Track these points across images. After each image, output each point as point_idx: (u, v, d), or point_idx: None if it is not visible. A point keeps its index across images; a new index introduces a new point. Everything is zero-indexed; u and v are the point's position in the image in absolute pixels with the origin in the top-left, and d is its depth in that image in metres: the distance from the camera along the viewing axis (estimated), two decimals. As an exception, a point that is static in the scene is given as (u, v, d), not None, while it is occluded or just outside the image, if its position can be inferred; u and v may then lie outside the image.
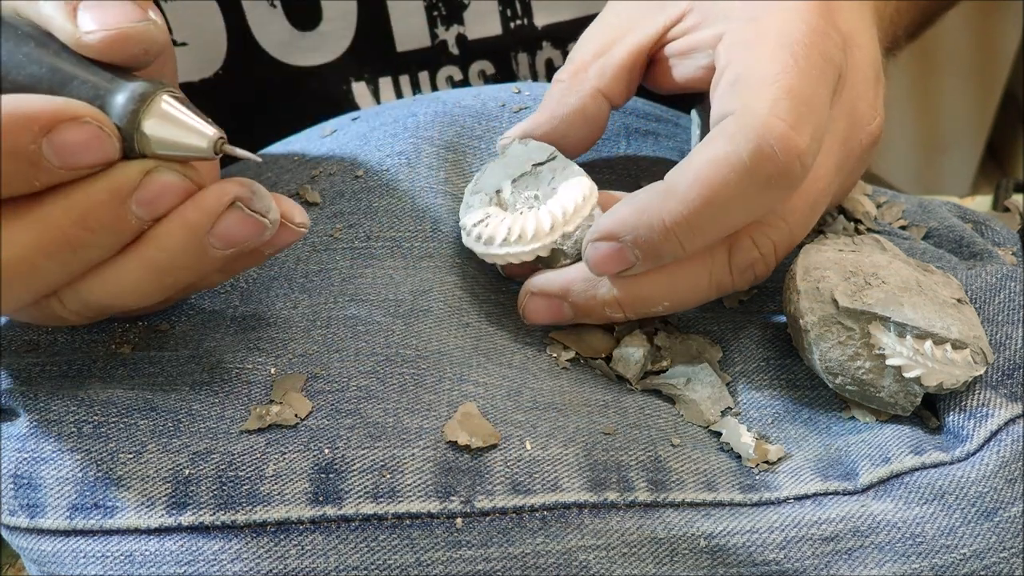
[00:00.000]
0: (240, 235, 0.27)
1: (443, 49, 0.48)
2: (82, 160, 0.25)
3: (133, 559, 0.28)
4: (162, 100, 0.26)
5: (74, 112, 0.25)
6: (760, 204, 0.30)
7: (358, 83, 0.48)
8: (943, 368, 0.30)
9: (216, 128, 0.27)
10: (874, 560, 0.28)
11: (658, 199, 0.30)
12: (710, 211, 0.29)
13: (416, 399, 0.30)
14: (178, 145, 0.27)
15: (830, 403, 0.33)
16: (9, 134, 0.24)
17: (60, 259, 0.26)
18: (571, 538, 0.28)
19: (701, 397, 0.32)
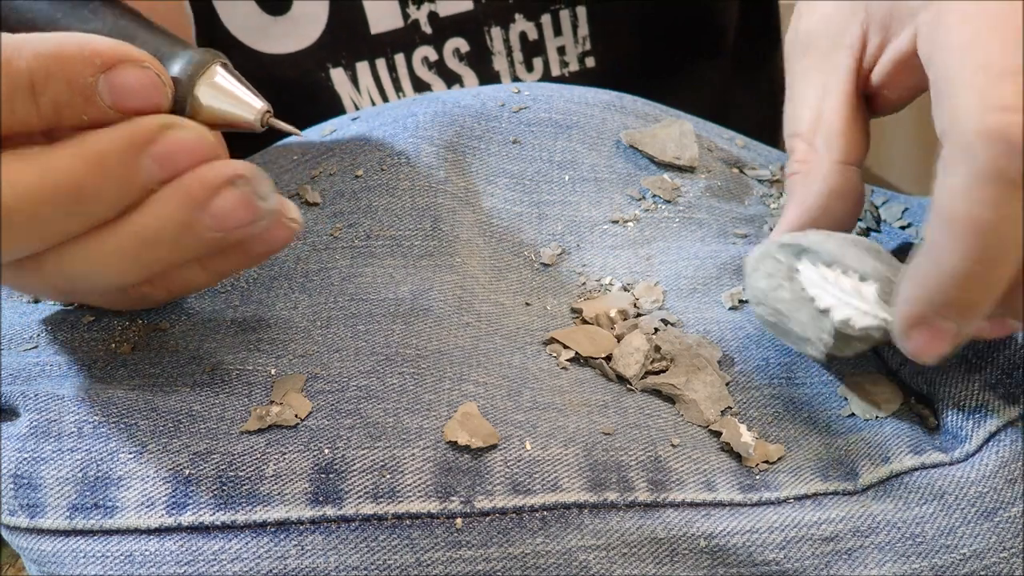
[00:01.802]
0: (234, 216, 0.26)
1: (416, 28, 0.47)
2: (132, 102, 0.25)
3: (133, 559, 0.28)
4: (217, 70, 0.28)
5: (136, 56, 0.25)
6: None
7: (335, 69, 0.47)
8: (851, 301, 0.30)
9: (264, 102, 0.28)
10: (874, 560, 0.28)
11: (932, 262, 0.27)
12: (988, 241, 0.25)
13: (416, 399, 0.30)
14: (227, 114, 0.28)
15: (830, 403, 0.33)
16: (71, 62, 0.25)
17: (63, 208, 0.25)
18: (571, 538, 0.28)
19: (701, 397, 0.32)
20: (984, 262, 0.26)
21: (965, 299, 0.27)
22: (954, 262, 0.26)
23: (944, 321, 0.27)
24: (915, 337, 0.28)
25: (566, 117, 0.40)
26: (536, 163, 0.39)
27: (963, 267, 0.26)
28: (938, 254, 0.26)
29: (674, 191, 0.39)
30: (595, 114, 0.41)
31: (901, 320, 0.28)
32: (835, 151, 0.33)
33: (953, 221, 0.26)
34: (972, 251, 0.26)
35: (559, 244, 0.38)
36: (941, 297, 0.27)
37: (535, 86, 0.42)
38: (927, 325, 0.28)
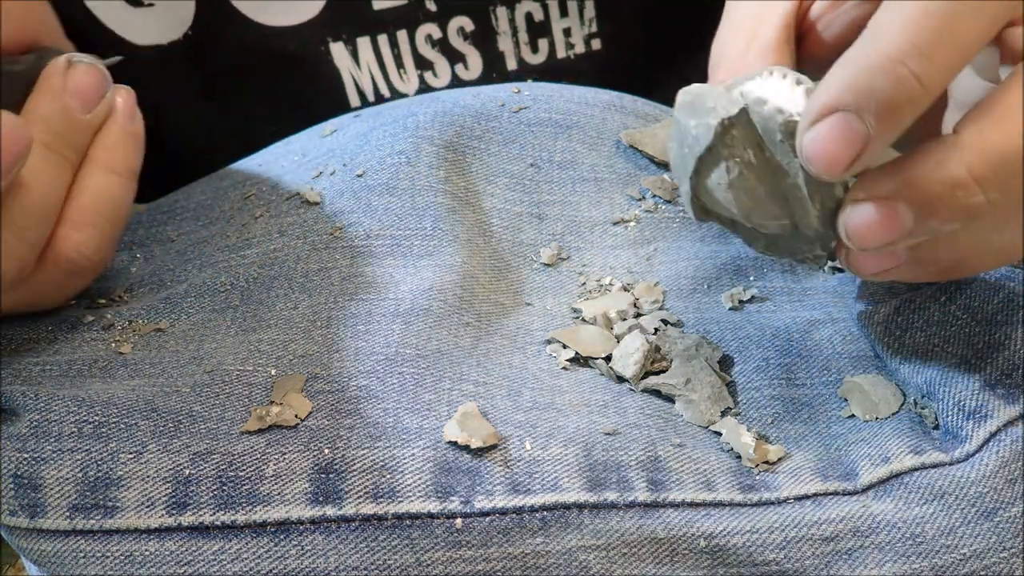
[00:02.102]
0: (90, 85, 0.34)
1: (420, 6, 0.47)
2: None
3: (133, 559, 0.28)
4: None
5: None
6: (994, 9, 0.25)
7: (335, 44, 0.47)
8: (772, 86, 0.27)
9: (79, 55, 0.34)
10: (874, 560, 0.28)
11: (871, 40, 0.25)
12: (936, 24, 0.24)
13: (416, 399, 0.30)
14: None
15: (830, 403, 0.33)
16: None
17: None
18: (571, 538, 0.28)
19: (701, 397, 0.32)
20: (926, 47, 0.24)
21: (892, 88, 0.24)
22: (894, 40, 0.24)
23: (856, 118, 0.25)
24: (819, 129, 0.25)
25: (566, 117, 0.40)
26: (536, 163, 0.39)
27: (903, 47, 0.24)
28: (878, 32, 0.25)
29: (674, 191, 0.39)
30: (595, 114, 0.41)
31: (811, 107, 0.25)
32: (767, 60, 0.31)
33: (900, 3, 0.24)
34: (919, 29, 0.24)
35: (559, 244, 0.38)
36: (867, 79, 0.24)
37: (535, 86, 0.42)
38: (839, 115, 0.25)
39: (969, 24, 0.24)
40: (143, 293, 0.37)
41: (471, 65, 0.49)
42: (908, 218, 0.26)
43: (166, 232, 0.40)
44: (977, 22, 0.25)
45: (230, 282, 0.36)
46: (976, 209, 0.25)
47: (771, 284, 0.37)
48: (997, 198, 0.25)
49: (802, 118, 0.25)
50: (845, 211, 0.27)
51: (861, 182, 0.27)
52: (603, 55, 0.50)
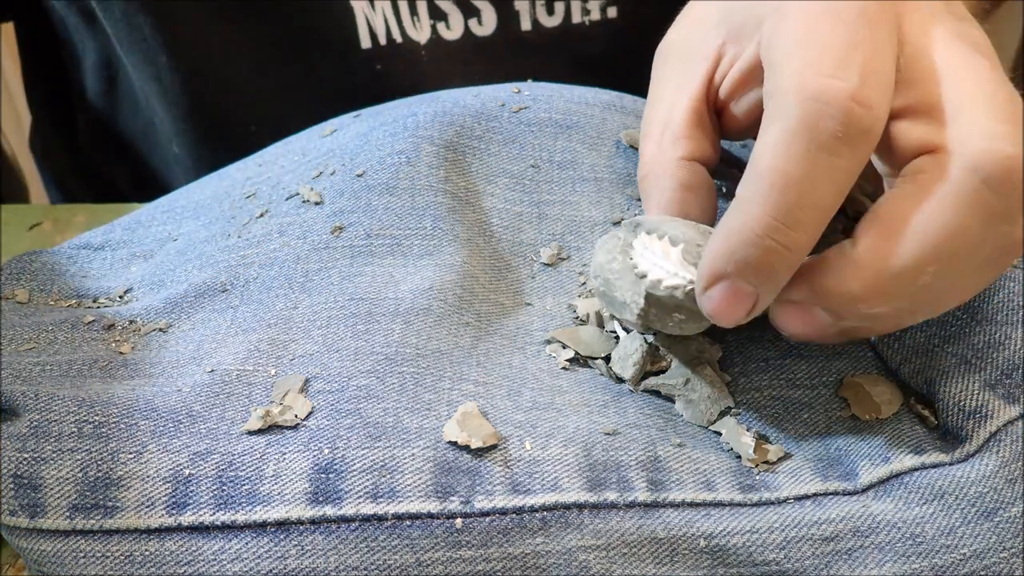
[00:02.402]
0: None
1: None
2: None
3: (133, 559, 0.28)
4: None
5: None
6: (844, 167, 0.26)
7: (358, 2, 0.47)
8: (663, 265, 0.30)
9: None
10: (874, 560, 0.28)
11: (737, 216, 0.27)
12: (792, 197, 0.26)
13: (416, 399, 0.30)
14: None
15: (830, 403, 0.33)
16: None
17: None
18: (571, 538, 0.28)
19: (701, 397, 0.32)
20: (787, 218, 0.26)
21: (764, 258, 0.27)
22: (757, 216, 0.26)
23: (742, 281, 0.27)
24: (713, 294, 0.28)
25: (566, 117, 0.40)
26: (536, 163, 0.39)
27: (765, 222, 0.26)
28: (743, 208, 0.27)
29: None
30: (595, 114, 0.41)
31: (701, 276, 0.28)
32: (679, 149, 0.34)
33: (761, 175, 0.26)
34: (777, 205, 0.26)
35: (559, 244, 0.38)
36: (742, 252, 0.27)
37: (535, 86, 0.42)
38: (726, 283, 0.27)
39: (824, 187, 0.26)
40: (143, 293, 0.37)
41: (485, 21, 0.49)
42: (826, 317, 0.28)
43: (166, 232, 0.40)
44: (832, 182, 0.26)
45: (230, 282, 0.36)
46: (880, 316, 0.28)
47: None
48: (898, 306, 0.28)
49: (696, 283, 0.28)
50: (774, 308, 0.29)
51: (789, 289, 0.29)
52: (618, 23, 0.50)
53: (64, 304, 0.37)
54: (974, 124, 0.26)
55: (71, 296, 0.37)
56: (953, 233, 0.26)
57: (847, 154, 0.26)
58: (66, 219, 0.52)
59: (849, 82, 0.26)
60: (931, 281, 0.27)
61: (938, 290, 0.27)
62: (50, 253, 0.40)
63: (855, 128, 0.26)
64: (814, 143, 0.26)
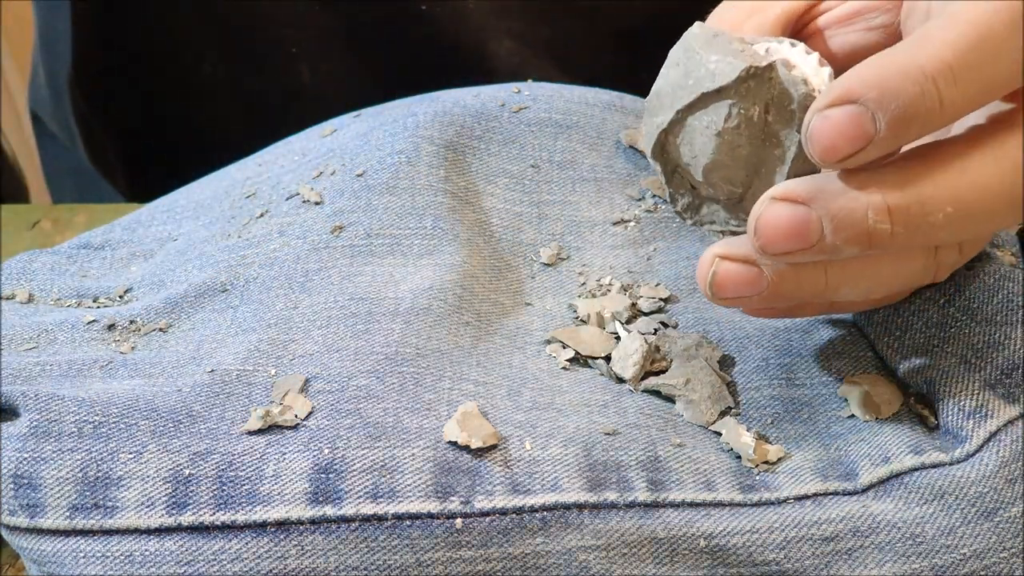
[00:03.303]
0: None
1: None
2: None
3: (133, 559, 0.28)
4: None
5: None
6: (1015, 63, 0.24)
7: None
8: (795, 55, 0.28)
9: None
10: (874, 560, 0.28)
11: (909, 48, 0.24)
12: (978, 56, 0.24)
13: (416, 398, 0.30)
14: None
15: (830, 403, 0.33)
16: None
17: None
18: (571, 538, 0.28)
19: (701, 397, 0.32)
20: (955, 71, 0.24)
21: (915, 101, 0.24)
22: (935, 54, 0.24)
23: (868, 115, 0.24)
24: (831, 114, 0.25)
25: (566, 117, 0.40)
26: (536, 163, 0.39)
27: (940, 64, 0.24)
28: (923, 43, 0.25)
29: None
30: (595, 114, 0.41)
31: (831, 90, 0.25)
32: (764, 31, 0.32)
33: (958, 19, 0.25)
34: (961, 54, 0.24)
35: (559, 244, 0.38)
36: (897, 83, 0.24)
37: (535, 86, 0.42)
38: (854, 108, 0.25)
39: (1005, 64, 0.25)
40: (143, 293, 0.37)
41: None
42: (817, 229, 0.26)
43: (166, 232, 0.40)
44: (1013, 64, 0.25)
45: (230, 282, 0.36)
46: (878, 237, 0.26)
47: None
48: (901, 234, 0.26)
49: (819, 97, 0.25)
50: (761, 206, 0.27)
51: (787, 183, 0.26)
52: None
53: (64, 304, 0.37)
54: None
55: (71, 296, 0.37)
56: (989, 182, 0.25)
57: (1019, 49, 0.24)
58: (66, 219, 0.52)
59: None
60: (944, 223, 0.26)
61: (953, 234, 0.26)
62: (50, 253, 0.40)
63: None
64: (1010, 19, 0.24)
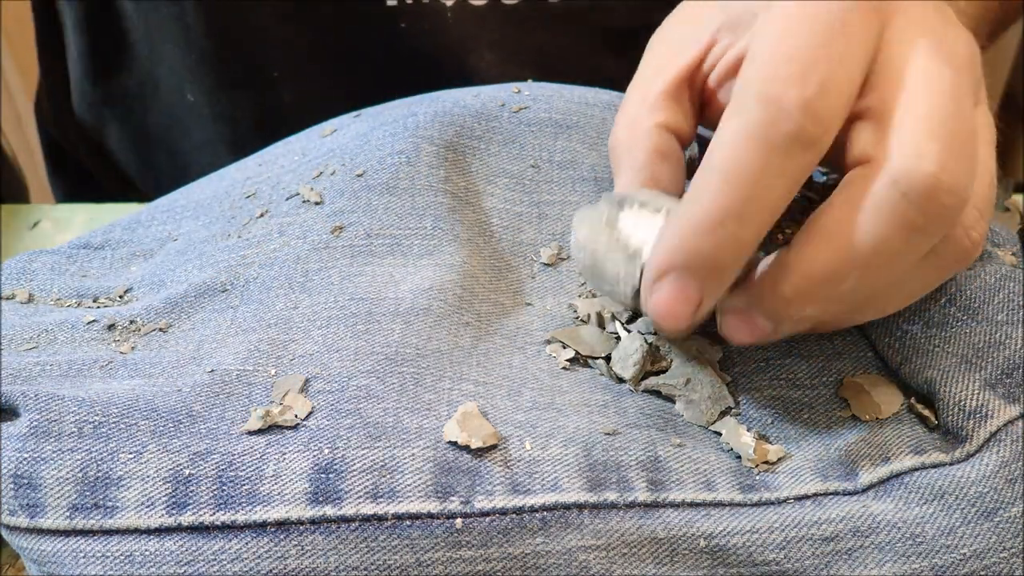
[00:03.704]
0: None
1: None
2: None
3: (133, 559, 0.28)
4: None
5: None
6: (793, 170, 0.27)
7: None
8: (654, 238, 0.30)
9: None
10: (874, 560, 0.28)
11: (689, 207, 0.28)
12: (744, 192, 0.27)
13: (416, 398, 0.30)
14: None
15: (830, 403, 0.33)
16: None
17: None
18: (571, 538, 0.28)
19: (701, 397, 0.32)
20: (737, 212, 0.27)
21: (713, 252, 0.27)
22: (708, 208, 0.27)
23: (689, 279, 0.28)
24: (658, 291, 0.28)
25: (566, 117, 0.40)
26: (536, 163, 0.39)
27: (716, 214, 0.27)
28: (696, 199, 0.27)
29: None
30: (595, 114, 0.41)
31: (649, 268, 0.28)
32: (655, 116, 0.34)
33: (715, 168, 0.27)
34: (729, 198, 0.27)
35: (559, 244, 0.38)
36: (693, 243, 0.27)
37: (535, 86, 0.42)
38: (673, 277, 0.28)
39: (773, 187, 0.27)
40: (143, 293, 0.37)
41: None
42: (766, 323, 0.30)
43: (166, 232, 0.40)
44: (782, 183, 0.27)
45: (230, 282, 0.36)
46: (816, 318, 0.30)
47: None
48: (829, 309, 0.29)
49: (644, 277, 0.29)
50: (719, 316, 0.30)
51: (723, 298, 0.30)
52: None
53: (64, 304, 0.37)
54: (905, 139, 0.27)
55: (71, 296, 0.37)
56: (872, 243, 0.27)
57: (797, 157, 0.27)
58: (66, 219, 0.52)
59: (807, 91, 0.26)
60: (856, 286, 0.28)
61: (867, 294, 0.29)
62: (50, 253, 0.40)
63: (805, 136, 0.27)
64: (767, 144, 0.27)
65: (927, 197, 0.26)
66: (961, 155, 0.27)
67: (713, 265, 0.28)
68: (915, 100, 0.28)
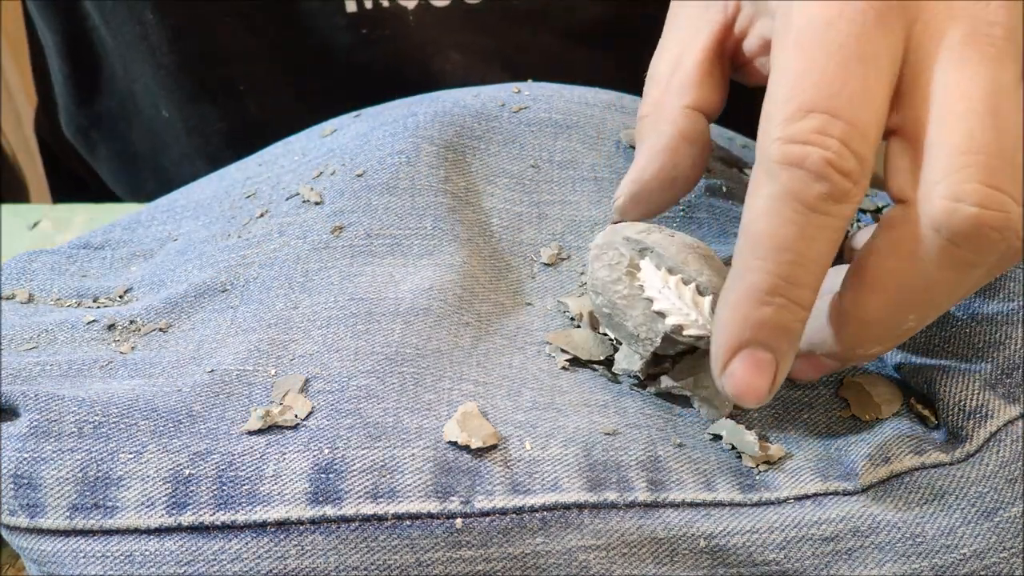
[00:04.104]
0: None
1: None
2: None
3: (133, 559, 0.28)
4: None
5: None
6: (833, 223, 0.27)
7: None
8: (685, 310, 0.31)
9: None
10: (874, 560, 0.28)
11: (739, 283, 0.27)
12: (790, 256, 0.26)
13: (416, 398, 0.30)
14: None
15: (830, 403, 0.33)
16: None
17: None
18: (571, 538, 0.28)
19: (712, 392, 0.32)
20: (789, 277, 0.26)
21: (778, 317, 0.27)
22: (760, 279, 0.27)
23: (760, 349, 0.27)
24: (734, 369, 0.27)
25: (566, 117, 0.40)
26: (536, 163, 0.39)
27: (770, 282, 0.26)
28: (745, 276, 0.27)
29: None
30: (595, 114, 0.41)
31: (717, 354, 0.28)
32: (686, 97, 0.34)
33: (757, 241, 0.27)
34: (777, 265, 0.26)
35: (559, 244, 0.38)
36: (756, 315, 0.27)
37: (535, 86, 0.42)
38: (745, 353, 0.27)
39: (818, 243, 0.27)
40: (143, 293, 0.37)
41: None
42: (831, 362, 0.30)
43: (166, 232, 0.40)
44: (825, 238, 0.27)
45: (230, 282, 0.36)
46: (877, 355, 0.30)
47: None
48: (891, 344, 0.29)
49: (713, 365, 0.28)
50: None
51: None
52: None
53: (64, 304, 0.37)
54: (939, 176, 0.26)
55: (71, 296, 0.37)
56: (926, 287, 0.27)
57: (835, 212, 0.27)
58: (66, 219, 0.52)
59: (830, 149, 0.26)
60: (915, 324, 0.28)
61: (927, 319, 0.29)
62: (50, 253, 0.40)
63: (838, 192, 0.26)
64: (802, 207, 0.26)
65: (973, 237, 0.26)
66: (1004, 175, 0.26)
67: (779, 331, 0.27)
68: (947, 120, 0.27)
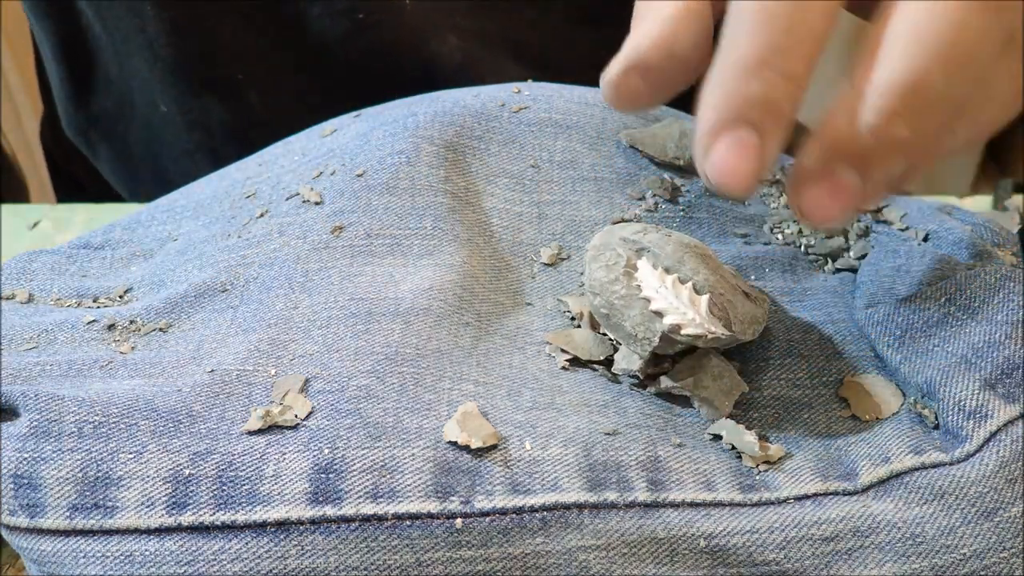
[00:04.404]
0: None
1: None
2: None
3: (133, 559, 0.28)
4: None
5: None
6: None
7: None
8: (683, 310, 0.31)
9: None
10: (874, 560, 0.28)
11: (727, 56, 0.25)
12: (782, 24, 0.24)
13: (416, 398, 0.30)
14: None
15: (830, 403, 0.33)
16: None
17: None
18: (571, 538, 0.28)
19: (713, 392, 0.32)
20: (781, 46, 0.24)
21: (766, 92, 0.24)
22: (748, 50, 0.24)
23: (745, 130, 0.25)
24: (715, 152, 0.25)
25: (566, 117, 0.40)
26: (536, 163, 0.39)
27: (759, 53, 0.24)
28: (732, 48, 0.25)
29: (674, 191, 0.40)
30: (595, 114, 0.41)
31: (700, 134, 0.25)
32: None
33: (744, 8, 0.25)
34: (768, 34, 0.24)
35: (559, 244, 0.38)
36: (743, 89, 0.24)
37: (535, 86, 0.42)
38: (728, 134, 0.25)
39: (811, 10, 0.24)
40: (143, 293, 0.37)
41: None
42: (852, 177, 0.26)
43: (166, 232, 0.40)
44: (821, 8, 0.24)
45: (230, 282, 0.36)
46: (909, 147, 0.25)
47: (771, 284, 0.37)
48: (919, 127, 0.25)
49: (695, 147, 0.26)
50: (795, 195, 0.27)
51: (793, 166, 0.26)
52: None
53: (64, 304, 0.37)
54: None
55: (71, 296, 0.37)
56: (949, 28, 0.24)
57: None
58: (66, 219, 0.52)
59: None
60: (943, 90, 0.25)
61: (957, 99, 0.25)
62: (50, 253, 0.40)
63: None
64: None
65: None
66: None
67: (768, 107, 0.25)
68: None
